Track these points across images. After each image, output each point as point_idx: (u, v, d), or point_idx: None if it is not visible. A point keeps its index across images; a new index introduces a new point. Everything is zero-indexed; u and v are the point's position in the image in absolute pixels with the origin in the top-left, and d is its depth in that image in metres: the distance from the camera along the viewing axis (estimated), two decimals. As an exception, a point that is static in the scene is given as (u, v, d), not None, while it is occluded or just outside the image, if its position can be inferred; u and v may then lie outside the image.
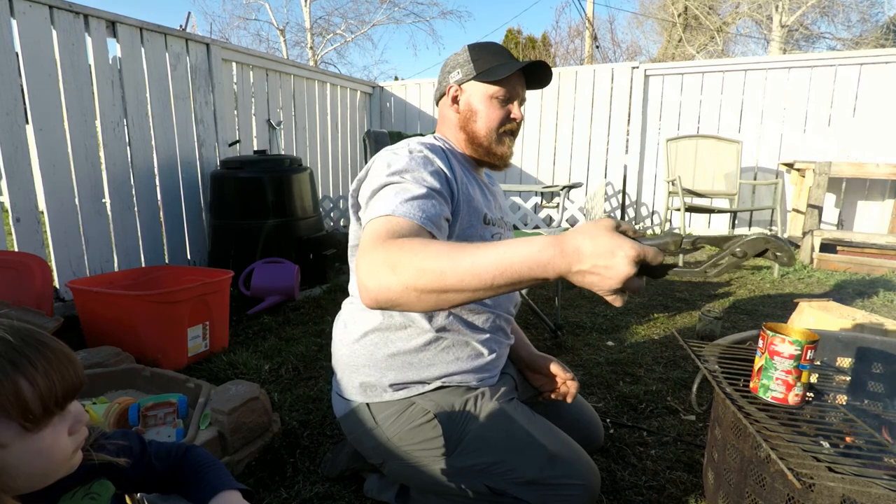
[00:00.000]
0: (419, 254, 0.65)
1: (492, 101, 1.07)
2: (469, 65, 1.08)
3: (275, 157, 3.11)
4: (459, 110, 1.10)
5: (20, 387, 0.50)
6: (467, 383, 1.05)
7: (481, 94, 1.07)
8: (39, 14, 2.38)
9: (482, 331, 1.07)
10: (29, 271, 1.99)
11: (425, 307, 0.66)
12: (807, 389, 0.91)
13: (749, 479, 0.90)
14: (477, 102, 1.08)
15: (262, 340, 2.27)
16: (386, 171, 0.89)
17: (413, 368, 1.02)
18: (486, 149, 1.09)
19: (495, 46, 1.11)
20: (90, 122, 2.62)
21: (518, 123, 1.10)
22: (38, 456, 0.53)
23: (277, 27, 16.37)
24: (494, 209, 1.13)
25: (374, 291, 0.66)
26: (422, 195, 0.83)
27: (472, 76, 1.07)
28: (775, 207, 3.57)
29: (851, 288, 3.12)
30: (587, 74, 5.02)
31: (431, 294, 0.64)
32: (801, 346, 0.84)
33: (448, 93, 1.11)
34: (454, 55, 1.13)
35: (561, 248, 0.59)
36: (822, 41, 14.43)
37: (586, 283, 0.60)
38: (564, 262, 0.59)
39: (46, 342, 0.55)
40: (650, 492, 1.26)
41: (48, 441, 0.53)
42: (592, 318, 2.57)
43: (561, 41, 19.82)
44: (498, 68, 1.06)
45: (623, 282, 0.58)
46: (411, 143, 0.99)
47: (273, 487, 1.27)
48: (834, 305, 1.77)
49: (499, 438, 0.98)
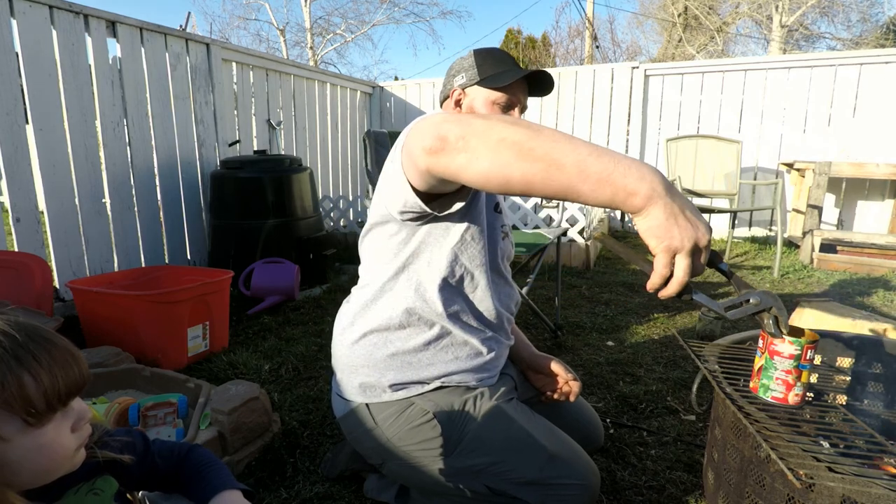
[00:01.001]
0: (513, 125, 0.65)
1: (493, 106, 1.09)
2: (473, 70, 1.10)
3: (275, 157, 3.11)
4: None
5: (24, 382, 0.51)
6: (466, 383, 1.05)
7: (483, 99, 1.09)
8: (39, 14, 2.38)
9: (482, 330, 1.07)
10: (29, 271, 1.99)
11: (492, 165, 0.65)
12: (807, 389, 0.91)
13: (749, 479, 0.90)
14: (479, 107, 1.10)
15: (262, 340, 2.27)
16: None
17: (412, 368, 1.02)
18: None
19: (501, 53, 1.13)
20: (90, 122, 2.62)
21: None
22: (40, 452, 0.53)
23: (277, 27, 16.39)
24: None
25: (444, 132, 0.67)
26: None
27: (475, 81, 1.09)
28: (775, 207, 3.57)
29: (851, 288, 3.12)
30: (587, 74, 5.02)
31: (512, 149, 0.63)
32: (801, 346, 0.84)
33: (451, 96, 1.13)
34: (460, 59, 1.15)
35: (667, 186, 0.63)
36: (822, 41, 14.45)
37: (675, 227, 0.62)
38: (670, 194, 0.62)
39: (51, 339, 0.55)
40: (650, 492, 1.26)
41: (50, 437, 0.54)
42: (592, 318, 2.57)
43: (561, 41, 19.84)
44: (501, 75, 1.07)
45: (701, 244, 0.63)
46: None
47: (273, 487, 1.27)
48: (834, 305, 1.77)
49: (498, 438, 0.98)
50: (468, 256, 1.00)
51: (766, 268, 3.66)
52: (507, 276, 1.13)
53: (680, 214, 0.62)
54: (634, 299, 2.93)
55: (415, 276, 1.00)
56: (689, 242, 0.62)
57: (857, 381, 1.08)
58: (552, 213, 3.91)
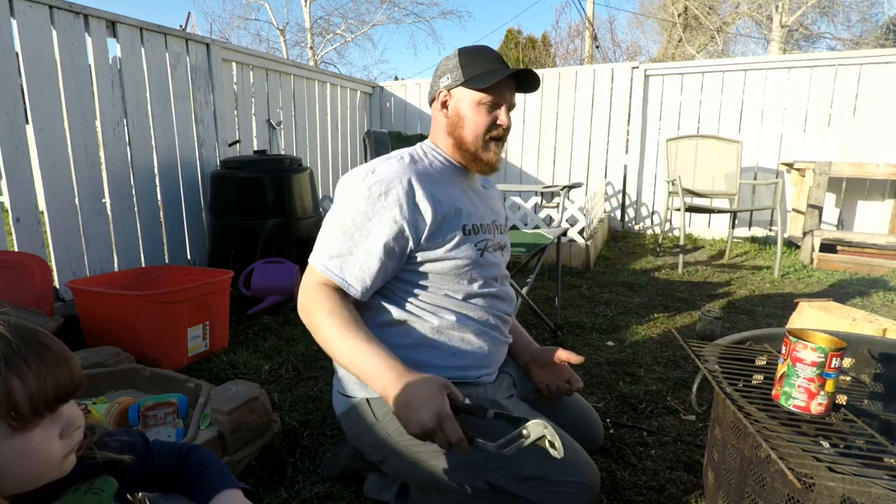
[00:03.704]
0: (321, 320, 0.98)
1: (479, 107, 1.08)
2: (458, 70, 1.08)
3: (275, 157, 3.10)
4: (448, 115, 1.11)
5: (11, 385, 0.50)
6: (465, 379, 1.05)
7: (469, 99, 1.08)
8: (39, 14, 2.38)
9: (480, 327, 1.08)
10: (29, 271, 1.98)
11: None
12: (833, 399, 0.87)
13: (749, 479, 0.90)
14: (464, 108, 1.09)
15: (262, 340, 2.27)
16: (337, 224, 1.02)
17: (411, 364, 1.02)
18: (473, 154, 1.10)
19: (486, 51, 1.11)
20: (90, 122, 2.62)
21: (505, 129, 1.11)
22: (25, 457, 0.52)
23: (277, 27, 16.37)
24: (485, 213, 1.15)
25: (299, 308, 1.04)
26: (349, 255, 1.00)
27: (460, 82, 1.08)
28: (775, 207, 3.57)
29: (851, 288, 3.12)
30: (587, 74, 5.02)
31: (322, 344, 0.99)
32: (825, 354, 0.81)
33: (438, 97, 1.12)
34: (445, 59, 1.13)
35: (389, 391, 0.89)
36: (822, 41, 14.44)
37: (408, 413, 0.85)
38: (403, 391, 0.87)
39: (45, 342, 0.55)
40: (650, 492, 1.26)
41: (37, 442, 0.53)
42: (592, 318, 2.57)
43: (561, 41, 19.81)
44: (486, 75, 1.06)
45: (427, 430, 0.82)
46: (378, 179, 1.00)
47: (273, 487, 1.27)
48: (834, 305, 1.77)
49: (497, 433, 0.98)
50: (449, 288, 1.07)
51: (766, 268, 3.66)
52: (498, 284, 1.14)
53: (408, 406, 0.85)
54: (634, 299, 2.93)
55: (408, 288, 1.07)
56: (420, 427, 0.82)
57: (857, 381, 1.08)
58: (552, 213, 3.92)
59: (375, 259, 0.99)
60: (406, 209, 0.99)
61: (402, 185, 1.00)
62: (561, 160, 5.22)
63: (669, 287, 3.18)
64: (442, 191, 1.05)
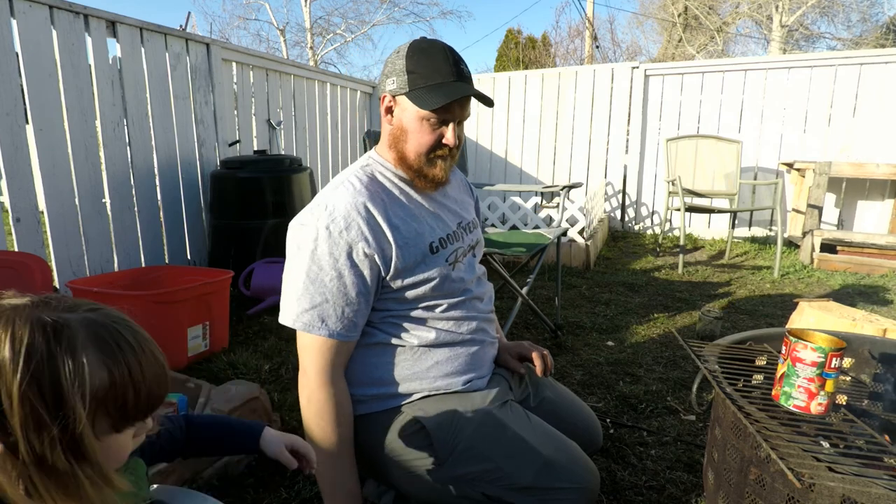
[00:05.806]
0: (318, 424, 0.99)
1: (423, 123, 0.96)
2: (404, 76, 0.95)
3: (275, 157, 3.11)
4: (392, 123, 1.01)
5: (128, 393, 0.52)
6: (455, 388, 1.03)
7: (413, 113, 0.96)
8: (39, 14, 2.38)
9: (463, 336, 1.05)
10: (29, 271, 1.98)
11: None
12: (833, 399, 0.87)
13: (749, 479, 0.90)
14: (408, 121, 0.97)
15: (262, 340, 2.27)
16: (298, 288, 1.00)
17: (399, 378, 1.01)
18: (417, 171, 1.01)
19: (437, 56, 0.96)
20: (90, 122, 2.62)
21: (453, 148, 1.00)
22: (109, 454, 0.54)
23: (277, 27, 16.38)
24: (448, 220, 1.08)
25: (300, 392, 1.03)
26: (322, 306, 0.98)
27: (404, 91, 0.96)
28: (775, 207, 3.57)
29: (851, 288, 3.12)
30: (587, 74, 5.02)
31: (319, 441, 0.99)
32: (825, 354, 0.81)
33: (383, 101, 1.01)
34: (394, 55, 0.99)
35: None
36: (822, 41, 14.44)
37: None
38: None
39: (157, 354, 0.56)
40: (650, 492, 1.26)
41: (121, 441, 0.55)
42: (592, 318, 2.57)
43: (561, 41, 19.79)
44: (432, 91, 0.93)
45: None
46: (335, 217, 0.94)
47: (273, 487, 1.27)
48: (834, 305, 1.77)
49: (491, 445, 0.97)
50: (426, 306, 1.03)
51: (766, 268, 3.66)
52: (474, 287, 1.10)
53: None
54: (634, 299, 2.93)
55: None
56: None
57: (857, 381, 1.08)
58: (552, 213, 3.92)
59: (355, 296, 0.95)
60: (371, 239, 0.94)
61: (361, 214, 0.94)
62: (561, 160, 5.22)
63: (669, 287, 3.18)
64: (398, 215, 0.99)
